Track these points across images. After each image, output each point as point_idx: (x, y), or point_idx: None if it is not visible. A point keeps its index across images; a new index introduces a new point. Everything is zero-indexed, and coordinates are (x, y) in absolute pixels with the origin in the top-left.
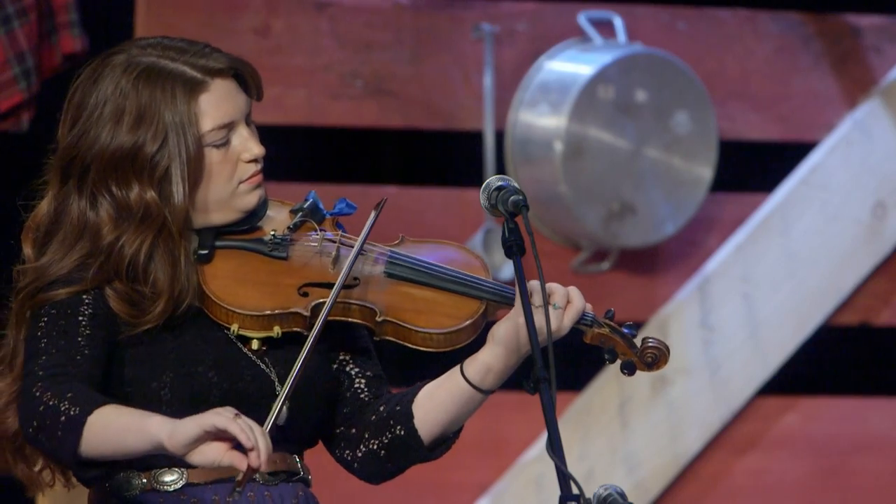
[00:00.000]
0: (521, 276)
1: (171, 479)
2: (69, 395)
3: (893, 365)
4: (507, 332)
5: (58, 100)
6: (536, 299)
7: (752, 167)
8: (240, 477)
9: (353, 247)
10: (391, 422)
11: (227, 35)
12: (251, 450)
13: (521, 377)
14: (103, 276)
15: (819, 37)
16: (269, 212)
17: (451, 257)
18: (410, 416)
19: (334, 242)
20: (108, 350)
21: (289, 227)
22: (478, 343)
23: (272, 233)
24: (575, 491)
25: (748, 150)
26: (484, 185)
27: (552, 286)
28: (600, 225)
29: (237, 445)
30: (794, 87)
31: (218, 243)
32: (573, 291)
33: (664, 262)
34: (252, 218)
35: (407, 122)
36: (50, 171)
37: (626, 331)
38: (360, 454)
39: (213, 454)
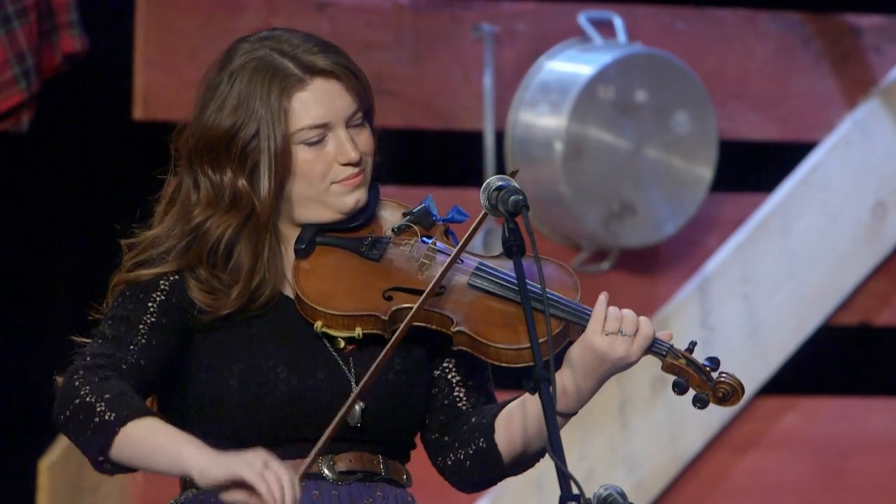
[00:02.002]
0: (521, 277)
1: None
2: (107, 395)
3: (893, 365)
4: (579, 356)
5: (58, 100)
6: (609, 325)
7: (752, 167)
8: None
9: (445, 254)
10: (475, 433)
11: (227, 35)
12: None
13: (521, 377)
14: (187, 259)
15: (819, 37)
16: (383, 213)
17: (544, 274)
18: (492, 430)
19: (425, 247)
20: (173, 338)
21: (392, 230)
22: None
23: (371, 234)
24: (575, 491)
25: (748, 150)
26: (484, 185)
27: (624, 313)
28: (600, 225)
29: None
30: (794, 87)
31: (318, 239)
32: (643, 321)
33: (664, 262)
34: (359, 217)
35: (407, 122)
36: (175, 148)
37: (706, 364)
38: (449, 462)
39: (240, 497)
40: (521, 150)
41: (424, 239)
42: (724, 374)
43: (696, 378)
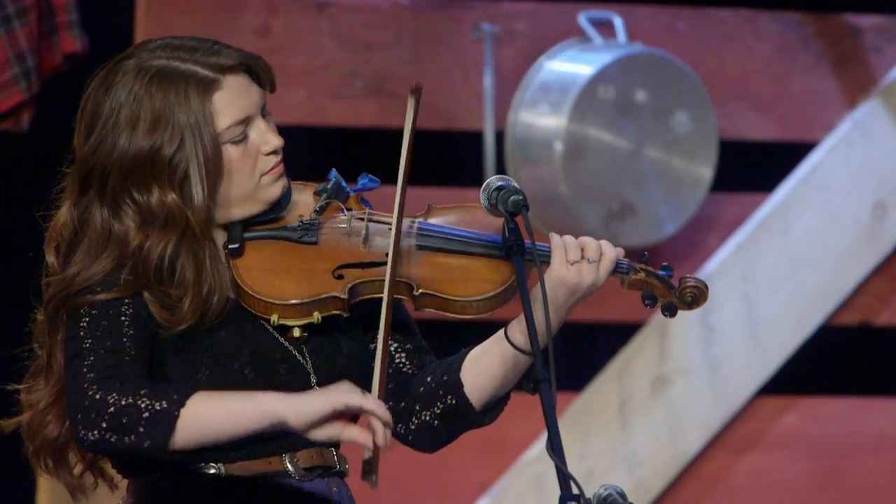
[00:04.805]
0: (521, 276)
1: (209, 474)
2: (143, 390)
3: (893, 365)
4: (550, 291)
5: (58, 100)
6: (571, 254)
7: (752, 167)
8: (366, 456)
9: (381, 223)
10: (440, 392)
11: (227, 35)
12: (387, 426)
13: (521, 377)
14: (137, 283)
15: (819, 37)
16: (294, 196)
17: (479, 220)
18: (460, 384)
19: (363, 220)
20: (146, 351)
21: (315, 211)
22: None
23: (300, 218)
24: (575, 491)
25: (748, 150)
26: (484, 185)
27: (584, 240)
28: (600, 225)
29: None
30: (794, 87)
31: (247, 235)
32: (605, 243)
33: (664, 262)
34: (278, 207)
35: None
36: (67, 180)
37: (662, 272)
38: (412, 426)
39: (334, 429)
40: (521, 150)
41: (357, 213)
42: (687, 278)
43: (660, 287)
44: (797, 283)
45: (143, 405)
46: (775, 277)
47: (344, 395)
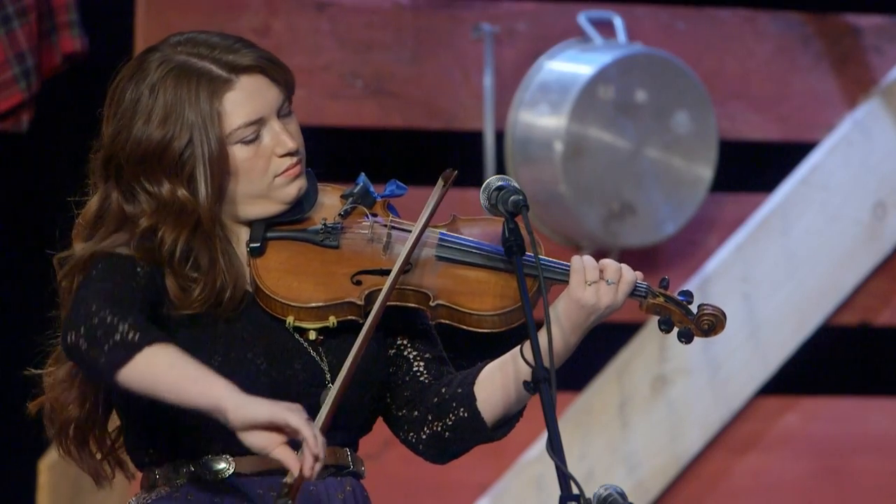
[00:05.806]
0: (521, 276)
1: (220, 467)
2: (130, 319)
3: (893, 365)
4: (565, 310)
5: (58, 100)
6: (589, 275)
7: (752, 167)
8: (289, 479)
9: (403, 231)
10: (454, 404)
11: None
12: (316, 459)
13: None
14: (151, 255)
15: (819, 37)
16: (320, 198)
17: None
18: (473, 398)
19: (385, 227)
20: (153, 313)
21: (339, 214)
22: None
23: (323, 221)
24: (575, 491)
25: (748, 150)
26: (484, 185)
27: (605, 262)
28: (600, 225)
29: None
30: (794, 87)
31: (269, 235)
32: (624, 266)
33: (664, 262)
34: (301, 207)
35: (407, 122)
36: (93, 166)
37: (681, 298)
38: (424, 436)
39: (266, 441)
40: (521, 150)
41: (380, 219)
42: (705, 306)
43: (678, 313)
44: (797, 283)
45: (121, 329)
46: (775, 277)
47: (289, 413)
